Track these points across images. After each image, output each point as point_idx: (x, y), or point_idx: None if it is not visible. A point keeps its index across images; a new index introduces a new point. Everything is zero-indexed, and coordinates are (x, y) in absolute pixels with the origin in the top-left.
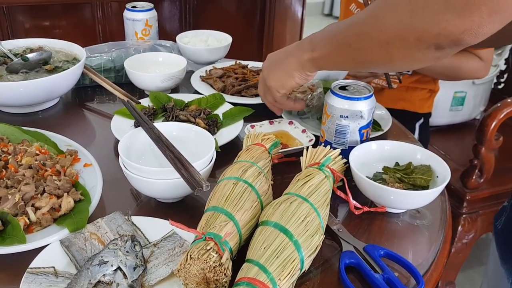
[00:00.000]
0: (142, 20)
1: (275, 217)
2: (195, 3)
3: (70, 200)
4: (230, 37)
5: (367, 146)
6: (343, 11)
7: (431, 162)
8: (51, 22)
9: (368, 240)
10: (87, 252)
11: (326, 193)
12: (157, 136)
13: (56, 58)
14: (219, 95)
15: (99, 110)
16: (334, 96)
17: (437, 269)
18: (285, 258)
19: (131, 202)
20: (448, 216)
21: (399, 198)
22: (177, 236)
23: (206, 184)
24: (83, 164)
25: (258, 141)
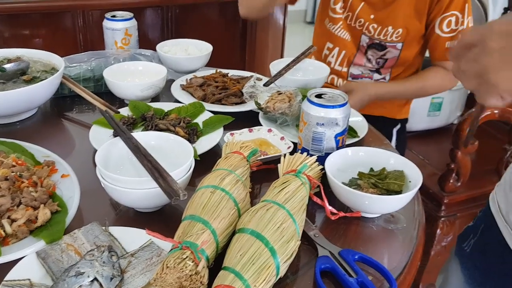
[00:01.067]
0: (122, 30)
1: (251, 225)
2: (177, 12)
3: (46, 212)
4: (211, 46)
5: (343, 153)
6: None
7: (404, 167)
8: (31, 31)
9: (344, 245)
10: (63, 264)
11: (302, 199)
12: (135, 145)
13: (34, 68)
14: (199, 104)
15: (78, 120)
16: (310, 104)
17: (411, 272)
18: (261, 265)
19: (110, 212)
20: (421, 219)
21: (373, 203)
22: (154, 246)
23: (183, 193)
24: (60, 175)
25: (237, 149)
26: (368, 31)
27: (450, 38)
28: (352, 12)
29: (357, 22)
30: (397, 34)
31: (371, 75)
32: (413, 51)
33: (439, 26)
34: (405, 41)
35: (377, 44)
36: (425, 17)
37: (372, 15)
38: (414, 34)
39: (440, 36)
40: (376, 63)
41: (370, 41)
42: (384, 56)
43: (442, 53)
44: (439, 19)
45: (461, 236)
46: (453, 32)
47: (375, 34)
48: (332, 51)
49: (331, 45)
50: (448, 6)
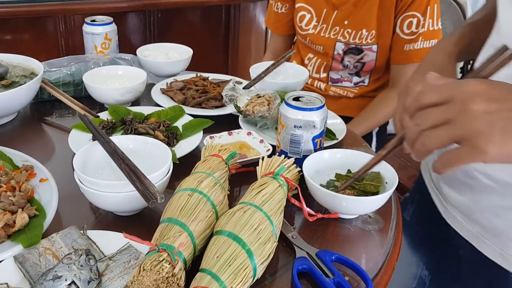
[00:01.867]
0: (102, 34)
1: (228, 226)
2: (160, 16)
3: (24, 216)
4: (191, 50)
5: (320, 155)
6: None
7: (381, 168)
8: (12, 36)
9: (322, 246)
10: (41, 268)
11: (279, 201)
12: (113, 149)
13: (13, 73)
14: (179, 107)
15: (58, 124)
16: (287, 107)
17: (387, 272)
18: (238, 266)
19: (89, 216)
20: (398, 220)
21: (350, 204)
22: (132, 249)
23: (160, 196)
24: (39, 179)
25: (216, 152)
26: (343, 36)
27: (409, 40)
28: (327, 23)
29: (332, 31)
30: (371, 36)
31: (350, 78)
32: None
33: (400, 26)
34: (379, 42)
35: (353, 49)
36: (393, 17)
37: (346, 21)
38: (386, 35)
39: (399, 36)
40: (354, 67)
41: (346, 47)
42: (361, 60)
43: (400, 56)
44: (400, 18)
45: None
46: (413, 35)
47: (350, 39)
48: (311, 60)
49: (312, 55)
50: (410, 4)
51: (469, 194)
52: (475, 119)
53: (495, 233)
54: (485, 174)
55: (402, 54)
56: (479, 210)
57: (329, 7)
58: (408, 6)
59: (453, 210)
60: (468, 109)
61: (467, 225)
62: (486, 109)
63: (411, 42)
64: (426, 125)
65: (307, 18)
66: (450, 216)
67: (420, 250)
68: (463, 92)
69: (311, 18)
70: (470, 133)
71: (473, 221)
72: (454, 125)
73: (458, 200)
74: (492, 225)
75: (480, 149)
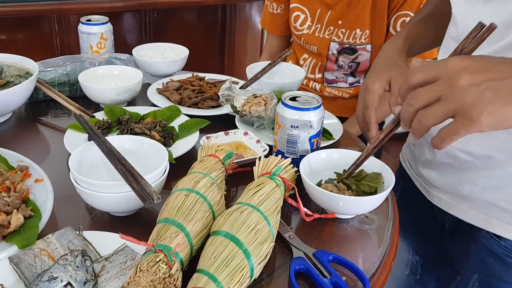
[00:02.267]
0: (97, 34)
1: (225, 227)
2: (156, 16)
3: (19, 217)
4: (187, 49)
5: (317, 155)
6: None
7: (377, 168)
8: (7, 36)
9: (319, 246)
10: (36, 269)
11: (276, 201)
12: (109, 149)
13: (8, 72)
14: (175, 107)
15: (53, 124)
16: (284, 107)
17: (384, 272)
18: (235, 267)
19: (85, 217)
20: (394, 219)
21: (347, 204)
22: (129, 250)
23: (157, 197)
24: (34, 179)
25: (212, 152)
26: (338, 36)
27: None
28: (321, 23)
29: (326, 31)
30: (365, 35)
31: (345, 79)
32: None
33: (393, 25)
34: (373, 42)
35: (347, 48)
36: (386, 16)
37: (340, 20)
38: (379, 34)
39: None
40: (349, 67)
41: (340, 47)
42: (356, 60)
43: None
44: (393, 18)
45: None
46: None
47: (344, 39)
48: (306, 61)
49: (307, 56)
50: (403, 3)
51: (450, 172)
52: (464, 93)
53: (477, 201)
54: (466, 152)
55: None
56: (460, 184)
57: (323, 7)
58: (401, 6)
59: (435, 190)
60: (456, 84)
61: (451, 201)
62: (473, 82)
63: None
64: (419, 105)
65: (301, 18)
66: (434, 197)
67: (408, 236)
68: (449, 69)
69: (306, 18)
70: (462, 107)
71: (456, 196)
72: (446, 101)
73: (439, 180)
74: (474, 195)
75: (474, 120)
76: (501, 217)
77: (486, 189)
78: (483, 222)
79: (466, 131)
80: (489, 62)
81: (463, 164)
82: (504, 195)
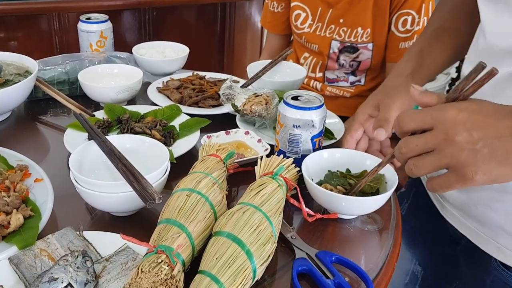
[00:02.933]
0: (97, 32)
1: (227, 227)
2: (155, 14)
3: (19, 217)
4: (187, 48)
5: (319, 155)
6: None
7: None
8: (5, 34)
9: (321, 246)
10: (36, 269)
11: (278, 201)
12: (110, 149)
13: (7, 71)
14: (176, 106)
15: (52, 123)
16: (286, 106)
17: (387, 273)
18: (237, 268)
19: (85, 217)
20: (397, 220)
21: (350, 204)
22: (130, 250)
23: (158, 197)
24: (34, 179)
25: (213, 152)
26: (339, 35)
27: (404, 38)
28: (322, 22)
29: (327, 30)
30: (367, 34)
31: (346, 78)
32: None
33: (395, 23)
34: (375, 41)
35: (349, 47)
36: (388, 14)
37: (341, 19)
38: (381, 33)
39: (394, 34)
40: (350, 66)
41: (341, 45)
42: (357, 59)
43: (395, 54)
44: (395, 16)
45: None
46: (408, 33)
47: (346, 37)
48: (307, 59)
49: (307, 54)
50: (405, 2)
51: (465, 191)
52: (460, 150)
53: (490, 226)
54: None
55: (397, 52)
56: (474, 205)
57: (324, 6)
58: (403, 4)
59: (450, 206)
60: (452, 140)
61: (464, 220)
62: (469, 140)
63: (406, 40)
64: (411, 154)
65: (302, 16)
66: (448, 212)
67: (413, 245)
68: (445, 122)
69: (306, 16)
70: (456, 163)
71: (469, 216)
72: (439, 155)
73: (454, 197)
74: (487, 219)
75: (468, 178)
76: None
77: (500, 214)
78: (494, 249)
79: (460, 186)
80: (488, 116)
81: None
82: None
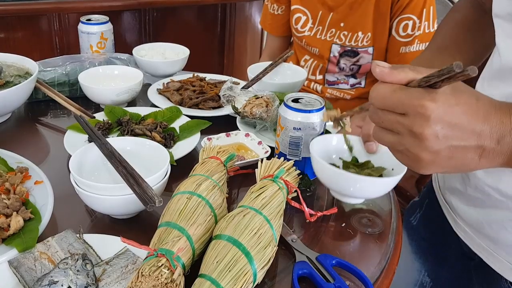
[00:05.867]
0: (97, 33)
1: (228, 231)
2: (155, 15)
3: (19, 219)
4: (188, 49)
5: (328, 139)
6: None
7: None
8: (5, 34)
9: (321, 249)
10: (36, 273)
11: (279, 204)
12: (110, 151)
13: (8, 72)
14: (176, 108)
15: (53, 125)
16: (287, 108)
17: (388, 276)
18: (238, 272)
19: (85, 219)
20: (398, 223)
21: (361, 185)
22: (130, 253)
23: (158, 200)
24: (34, 181)
25: (214, 154)
26: (340, 39)
27: (405, 43)
28: (323, 25)
29: (328, 33)
30: (367, 38)
31: (347, 80)
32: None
33: (396, 28)
34: (375, 45)
35: (349, 51)
36: (389, 19)
37: (342, 23)
38: (382, 37)
39: (395, 39)
40: (350, 69)
41: (342, 49)
42: (357, 63)
43: (396, 58)
44: (396, 21)
45: (408, 210)
46: (409, 37)
47: (346, 41)
48: (307, 62)
49: (308, 57)
50: (406, 7)
51: (479, 208)
52: (422, 149)
53: (504, 246)
54: (496, 190)
55: (398, 57)
56: (488, 223)
57: (324, 9)
58: (404, 9)
59: (463, 222)
60: (418, 134)
61: (476, 238)
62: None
63: (407, 45)
64: (381, 125)
65: (302, 20)
66: (460, 228)
67: (423, 256)
68: (416, 115)
69: (307, 20)
70: (413, 156)
71: (482, 235)
72: (402, 141)
73: (467, 213)
74: (501, 238)
75: (416, 169)
76: None
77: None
78: (506, 271)
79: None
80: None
81: (493, 202)
82: None
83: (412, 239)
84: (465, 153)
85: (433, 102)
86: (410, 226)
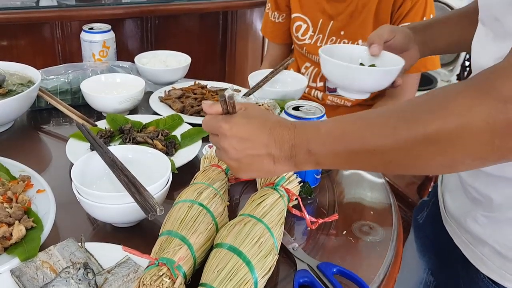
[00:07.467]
0: (100, 42)
1: (229, 239)
2: (157, 22)
3: (21, 228)
4: (189, 57)
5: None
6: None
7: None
8: (8, 42)
9: (322, 257)
10: (38, 282)
11: (280, 212)
12: (112, 160)
13: (10, 81)
14: (177, 116)
15: (55, 133)
16: (287, 116)
17: (389, 284)
18: (239, 281)
19: (87, 227)
20: (399, 231)
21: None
22: (131, 262)
23: (160, 208)
24: (36, 190)
25: (215, 162)
26: None
27: None
28: (323, 34)
29: (328, 42)
30: None
31: None
32: None
33: None
34: None
35: None
36: None
37: (342, 31)
38: None
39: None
40: None
41: None
42: None
43: None
44: None
45: (416, 209)
46: None
47: None
48: (308, 69)
49: (309, 64)
50: (406, 15)
51: (460, 201)
52: (229, 159)
53: (478, 239)
54: (473, 188)
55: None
56: (463, 217)
57: (325, 18)
58: (404, 17)
59: (449, 216)
60: (224, 149)
61: (457, 230)
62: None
63: None
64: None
65: (303, 28)
66: (448, 224)
67: (427, 254)
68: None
69: (307, 28)
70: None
71: (462, 227)
72: (219, 154)
73: (452, 206)
74: (473, 231)
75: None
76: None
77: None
78: (479, 262)
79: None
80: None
81: (471, 198)
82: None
83: (418, 237)
84: (261, 159)
85: (227, 123)
86: (417, 225)
